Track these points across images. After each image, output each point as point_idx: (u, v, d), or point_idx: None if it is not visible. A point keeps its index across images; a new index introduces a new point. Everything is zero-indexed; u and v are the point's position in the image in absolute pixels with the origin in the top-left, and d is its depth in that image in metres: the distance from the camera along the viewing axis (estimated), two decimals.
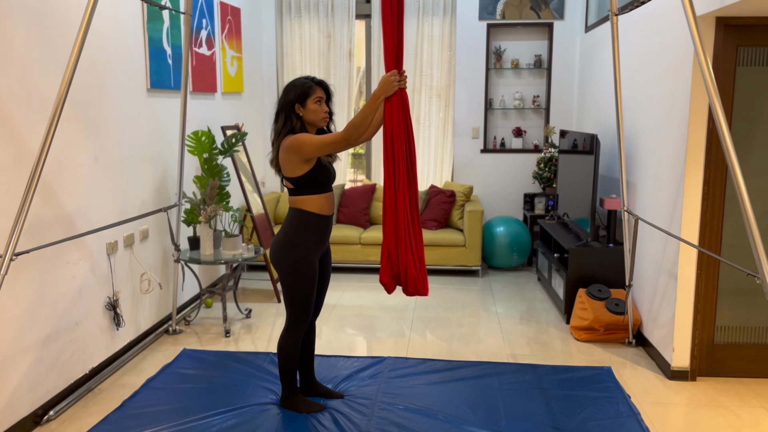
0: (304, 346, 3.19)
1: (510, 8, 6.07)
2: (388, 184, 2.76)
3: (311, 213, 2.87)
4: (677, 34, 3.47)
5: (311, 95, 2.83)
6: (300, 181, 2.84)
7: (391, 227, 2.78)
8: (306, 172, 2.81)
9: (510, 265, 5.91)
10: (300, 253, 2.86)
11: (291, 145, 2.77)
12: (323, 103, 2.87)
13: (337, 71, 6.25)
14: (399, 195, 2.75)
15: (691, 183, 3.39)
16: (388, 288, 2.87)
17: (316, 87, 2.85)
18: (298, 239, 2.86)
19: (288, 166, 2.82)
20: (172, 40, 4.28)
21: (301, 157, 2.77)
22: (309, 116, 2.84)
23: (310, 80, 2.86)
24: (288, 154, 2.79)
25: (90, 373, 3.44)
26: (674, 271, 3.53)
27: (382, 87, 2.68)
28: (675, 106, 3.51)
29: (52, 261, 3.10)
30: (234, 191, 5.26)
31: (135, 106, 3.87)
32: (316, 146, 2.73)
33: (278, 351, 3.02)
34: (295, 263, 2.86)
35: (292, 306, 2.94)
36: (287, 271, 2.88)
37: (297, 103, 2.82)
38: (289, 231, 2.88)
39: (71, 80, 2.53)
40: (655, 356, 3.80)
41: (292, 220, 2.89)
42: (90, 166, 3.42)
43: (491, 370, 3.61)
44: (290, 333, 2.98)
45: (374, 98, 2.69)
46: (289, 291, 2.92)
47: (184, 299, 4.64)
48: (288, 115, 2.82)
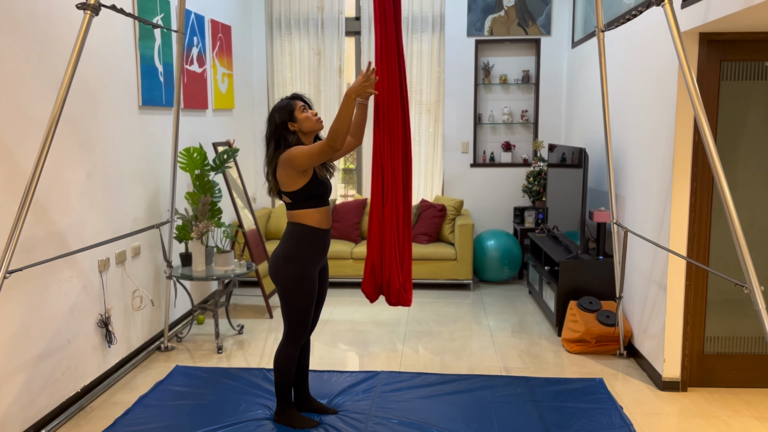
0: (299, 360, 3.19)
1: (498, 25, 6.15)
2: (376, 196, 2.81)
3: (310, 227, 2.90)
4: (662, 50, 3.54)
5: (295, 108, 2.88)
6: (298, 194, 2.86)
7: (377, 238, 2.83)
8: (303, 186, 2.84)
9: (501, 278, 5.94)
10: (300, 266, 2.88)
11: (285, 159, 2.81)
12: (308, 108, 2.92)
13: (328, 88, 6.30)
14: (387, 206, 2.80)
15: (678, 195, 3.44)
16: (369, 297, 2.92)
17: (294, 101, 2.91)
18: (298, 253, 2.88)
19: (286, 179, 2.85)
20: (164, 57, 4.31)
21: (296, 169, 2.80)
22: (305, 125, 2.88)
23: (287, 99, 2.93)
24: (284, 168, 2.83)
25: (82, 391, 3.42)
26: (663, 283, 3.58)
27: (355, 86, 2.74)
28: (661, 119, 3.57)
29: (44, 279, 3.10)
30: (226, 207, 5.26)
31: (127, 123, 3.88)
32: (307, 156, 2.77)
33: (275, 364, 3.02)
34: (295, 277, 2.88)
35: (290, 319, 2.94)
36: (287, 284, 2.89)
37: (288, 122, 2.87)
38: (289, 245, 2.90)
39: (65, 99, 2.55)
40: (646, 367, 3.83)
41: (292, 234, 2.91)
42: (82, 183, 3.43)
43: (484, 383, 3.62)
44: (288, 346, 2.98)
45: (347, 99, 2.72)
46: (288, 305, 2.92)
47: (176, 316, 4.62)
48: (281, 138, 2.86)
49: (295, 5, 6.26)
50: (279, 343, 3.01)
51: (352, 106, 2.72)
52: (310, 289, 2.91)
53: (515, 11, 6.13)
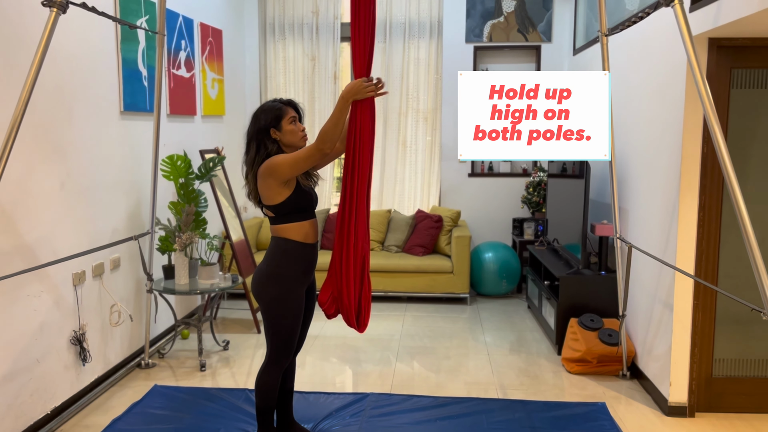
0: (283, 383, 3.00)
1: (497, 31, 5.99)
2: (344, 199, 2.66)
3: (294, 242, 2.69)
4: (668, 56, 3.36)
5: (285, 116, 2.67)
6: (281, 208, 2.66)
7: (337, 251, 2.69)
8: (286, 198, 2.64)
9: (499, 292, 5.74)
10: (284, 285, 2.67)
11: (266, 169, 2.60)
12: (297, 122, 2.72)
13: (322, 94, 6.13)
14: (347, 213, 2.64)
15: (685, 209, 3.25)
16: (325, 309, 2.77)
17: (287, 107, 2.70)
18: (282, 270, 2.67)
19: (267, 192, 2.64)
20: (148, 61, 4.13)
21: (279, 179, 2.59)
22: (287, 138, 2.67)
23: (279, 102, 2.71)
24: (265, 179, 2.61)
25: (52, 414, 3.22)
26: (670, 301, 3.38)
27: (351, 90, 2.53)
28: (667, 129, 3.39)
29: (9, 295, 2.90)
30: (213, 217, 5.08)
31: (106, 129, 3.70)
32: (292, 163, 2.56)
33: (256, 387, 2.81)
34: (279, 296, 2.67)
35: (273, 341, 2.73)
36: (271, 304, 2.68)
37: (272, 128, 2.66)
38: (272, 262, 2.69)
39: (27, 102, 2.37)
40: (651, 390, 3.63)
41: (275, 250, 2.70)
42: (56, 193, 3.24)
43: (480, 407, 3.42)
44: (270, 369, 2.77)
45: (342, 101, 2.52)
46: (271, 325, 2.71)
47: (158, 331, 4.42)
48: (261, 142, 2.65)
49: (289, 10, 6.09)
50: (261, 365, 2.81)
51: (347, 109, 2.54)
52: (295, 309, 2.70)
53: (515, 17, 5.96)
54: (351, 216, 2.64)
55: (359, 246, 2.67)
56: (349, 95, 2.53)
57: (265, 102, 2.73)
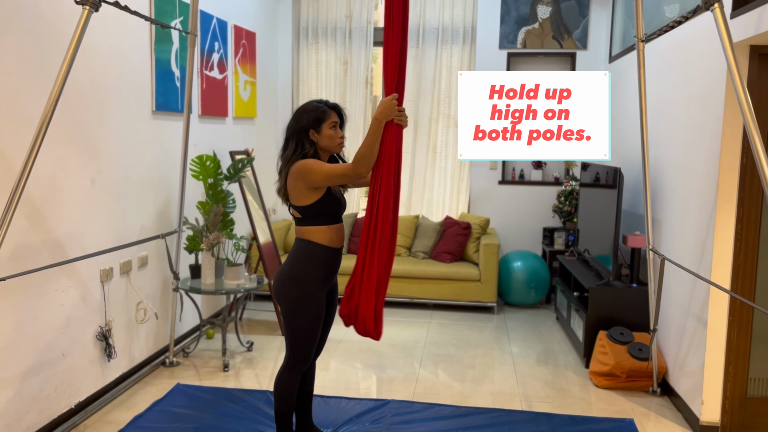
0: (302, 386, 2.97)
1: (531, 37, 5.91)
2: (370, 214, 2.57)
3: (319, 245, 2.66)
4: (707, 63, 3.26)
5: (326, 120, 2.63)
6: (308, 210, 2.64)
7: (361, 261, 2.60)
8: (314, 202, 2.61)
9: (527, 302, 5.64)
10: (306, 288, 2.64)
11: (299, 171, 2.56)
12: (338, 128, 2.68)
13: (353, 98, 6.12)
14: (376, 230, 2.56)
15: (722, 222, 3.14)
16: (345, 320, 2.71)
17: (330, 111, 2.66)
18: (304, 273, 2.64)
19: (295, 193, 2.62)
20: (181, 62, 4.17)
21: (309, 184, 2.57)
22: (324, 142, 2.64)
23: (324, 104, 2.67)
24: (295, 180, 2.58)
25: (76, 408, 3.25)
26: (704, 317, 3.27)
27: (384, 111, 2.48)
28: (704, 139, 3.28)
29: (38, 288, 2.94)
30: (241, 218, 5.10)
31: (138, 128, 3.74)
32: (325, 175, 2.54)
33: (275, 390, 2.78)
34: (299, 299, 2.64)
35: (293, 344, 2.70)
36: (290, 307, 2.65)
37: (311, 129, 2.62)
38: (295, 264, 2.67)
39: (58, 99, 2.39)
40: (682, 408, 3.51)
41: (298, 252, 2.68)
42: (86, 189, 3.28)
43: (503, 419, 3.34)
44: (289, 372, 2.74)
45: (376, 123, 2.48)
46: (291, 328, 2.68)
47: (184, 330, 4.45)
48: (300, 141, 2.61)
49: (323, 13, 6.11)
50: (280, 368, 2.78)
51: (381, 131, 2.49)
52: (316, 312, 2.67)
53: (550, 24, 5.88)
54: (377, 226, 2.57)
55: (383, 257, 2.60)
56: (382, 116, 2.48)
57: (311, 101, 2.70)
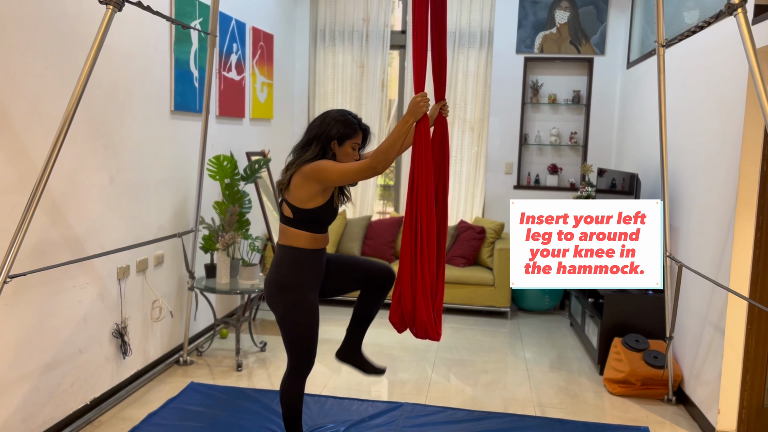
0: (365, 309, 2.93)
1: (549, 42, 5.89)
2: (410, 220, 2.50)
3: (302, 249, 2.63)
4: (728, 70, 3.24)
5: (352, 138, 2.63)
6: (303, 213, 2.60)
7: (407, 267, 2.52)
8: (315, 207, 2.58)
9: (541, 308, 5.62)
10: (295, 294, 2.61)
11: (313, 171, 2.53)
12: (357, 150, 2.68)
13: (369, 102, 6.14)
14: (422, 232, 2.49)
15: (741, 229, 3.11)
16: (397, 328, 2.66)
17: (359, 132, 2.65)
18: (291, 279, 2.61)
19: (302, 193, 2.57)
20: (200, 63, 4.20)
21: (322, 184, 2.54)
22: (339, 156, 2.63)
23: (357, 123, 2.66)
24: (308, 181, 2.54)
25: (91, 404, 3.28)
26: (721, 325, 3.24)
27: (411, 108, 2.44)
28: (724, 146, 3.26)
29: (56, 284, 2.97)
30: (256, 219, 5.12)
31: (157, 128, 3.77)
32: (341, 173, 2.50)
33: (281, 398, 2.75)
34: (290, 306, 2.61)
35: (292, 350, 2.68)
36: (283, 314, 2.63)
37: (336, 140, 2.61)
38: (280, 271, 2.63)
39: (80, 97, 2.42)
40: (697, 417, 3.47)
41: (282, 259, 2.64)
42: (105, 187, 3.31)
43: (516, 424, 3.33)
44: (292, 379, 2.71)
45: (404, 122, 2.43)
46: (287, 334, 2.66)
47: (198, 329, 4.47)
48: (324, 148, 2.59)
49: (340, 16, 6.13)
50: (284, 375, 2.75)
51: (407, 130, 2.43)
52: (309, 316, 2.63)
53: (568, 29, 5.86)
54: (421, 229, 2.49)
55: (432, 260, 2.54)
56: (410, 117, 2.43)
57: (346, 111, 2.67)
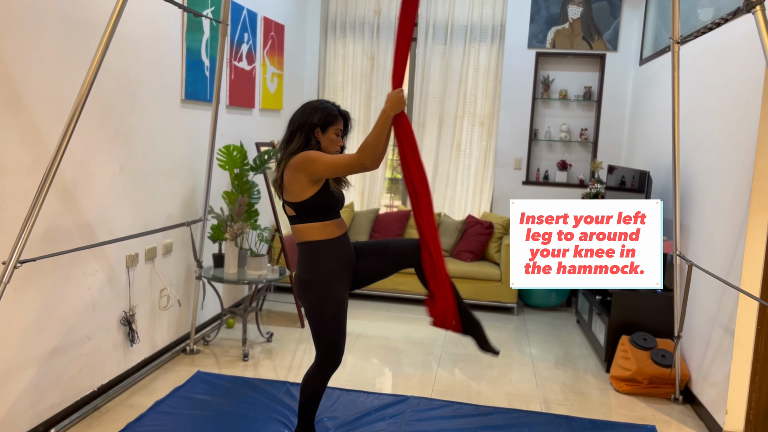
0: None
1: (561, 37, 5.86)
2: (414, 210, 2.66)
3: (319, 241, 2.61)
4: (744, 68, 3.20)
5: (334, 125, 2.63)
6: (303, 206, 2.58)
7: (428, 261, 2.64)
8: (311, 197, 2.56)
9: (548, 304, 5.60)
10: (319, 289, 2.60)
11: (300, 162, 2.51)
12: (340, 136, 2.68)
13: (379, 93, 6.12)
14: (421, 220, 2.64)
15: (754, 229, 3.09)
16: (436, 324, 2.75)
17: (340, 118, 2.66)
18: (314, 274, 2.60)
19: (294, 186, 2.55)
20: (211, 52, 4.19)
21: (311, 176, 2.52)
22: (324, 144, 2.62)
23: (336, 108, 2.67)
24: (296, 172, 2.53)
25: (98, 391, 3.29)
26: (731, 325, 3.22)
27: (393, 103, 2.49)
28: (739, 144, 3.23)
29: (65, 271, 2.98)
30: (265, 209, 5.12)
31: (167, 116, 3.77)
32: (328, 165, 2.49)
33: (302, 387, 2.74)
34: (316, 301, 2.60)
35: (320, 345, 2.67)
36: (310, 309, 2.63)
37: (319, 128, 2.61)
38: (303, 268, 2.63)
39: (92, 83, 2.41)
40: (704, 417, 3.46)
41: (303, 255, 2.63)
42: (115, 175, 3.31)
43: (522, 420, 3.32)
44: (319, 372, 2.70)
45: (385, 117, 2.48)
46: (315, 330, 2.65)
47: (205, 318, 4.48)
48: (307, 137, 2.59)
49: (351, 8, 6.11)
50: (311, 365, 2.74)
51: (389, 123, 2.49)
52: (335, 310, 2.61)
53: (581, 24, 5.82)
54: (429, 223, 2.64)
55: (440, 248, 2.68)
56: (391, 110, 2.48)
57: (324, 100, 2.69)
